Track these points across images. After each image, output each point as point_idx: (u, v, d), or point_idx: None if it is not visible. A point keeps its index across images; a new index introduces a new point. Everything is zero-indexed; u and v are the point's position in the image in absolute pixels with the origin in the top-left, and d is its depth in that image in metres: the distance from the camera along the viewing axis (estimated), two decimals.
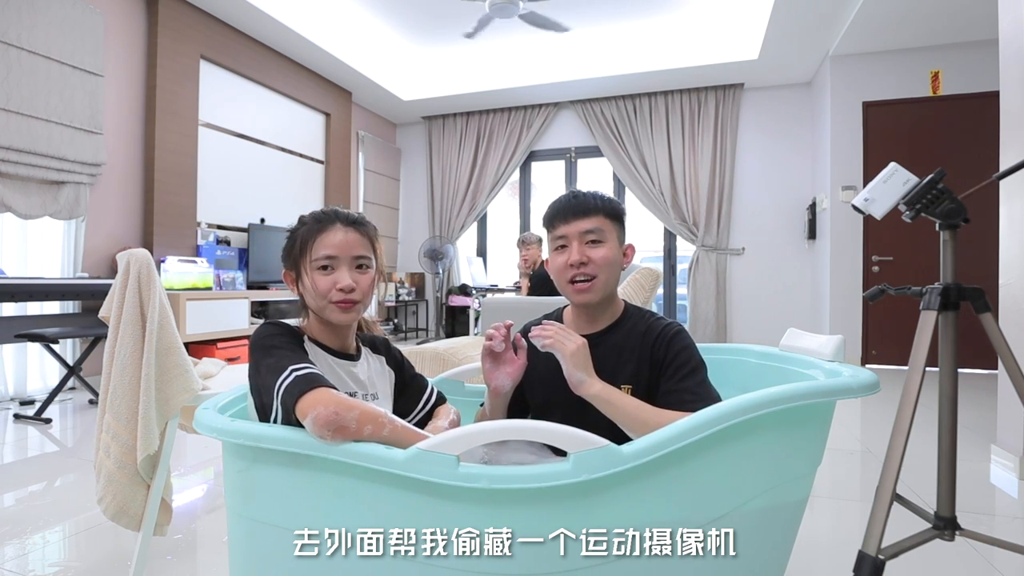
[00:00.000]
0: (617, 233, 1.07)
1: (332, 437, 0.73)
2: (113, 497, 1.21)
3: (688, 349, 1.03)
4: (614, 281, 1.07)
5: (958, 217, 1.11)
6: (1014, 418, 2.07)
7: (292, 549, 0.78)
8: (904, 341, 4.42)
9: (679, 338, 1.04)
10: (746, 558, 0.83)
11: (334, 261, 0.95)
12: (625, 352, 1.05)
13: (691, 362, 1.01)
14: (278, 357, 0.85)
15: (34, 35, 3.13)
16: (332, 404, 0.74)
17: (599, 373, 1.03)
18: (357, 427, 0.74)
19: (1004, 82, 2.16)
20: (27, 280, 2.91)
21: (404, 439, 0.76)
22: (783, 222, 5.50)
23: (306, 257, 0.96)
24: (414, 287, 6.58)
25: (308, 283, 0.95)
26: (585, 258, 1.04)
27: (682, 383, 0.99)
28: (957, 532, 1.13)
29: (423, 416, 1.08)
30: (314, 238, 0.96)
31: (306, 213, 1.01)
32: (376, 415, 0.76)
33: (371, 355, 1.08)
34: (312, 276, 0.95)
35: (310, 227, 0.97)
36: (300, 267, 0.97)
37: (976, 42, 4.22)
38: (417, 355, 2.59)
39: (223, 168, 4.49)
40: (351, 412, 0.74)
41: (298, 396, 0.78)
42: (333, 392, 0.78)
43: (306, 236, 0.97)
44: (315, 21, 4.66)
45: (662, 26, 4.88)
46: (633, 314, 1.10)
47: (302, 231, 0.98)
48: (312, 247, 0.96)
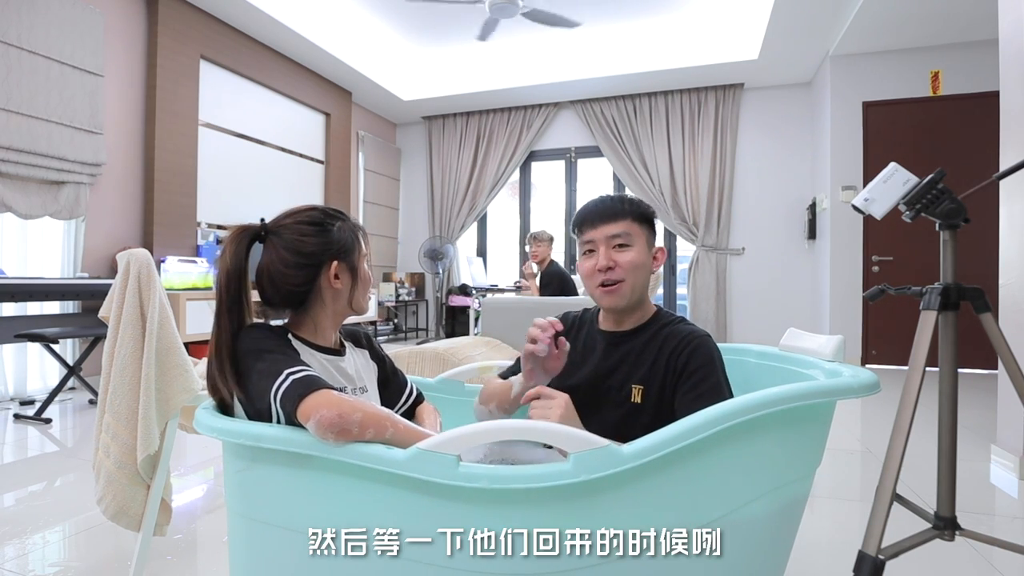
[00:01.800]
0: (646, 236, 1.08)
1: (336, 439, 0.73)
2: (113, 497, 1.21)
3: (708, 365, 1.00)
4: (641, 285, 1.07)
5: (958, 217, 1.11)
6: (1014, 418, 2.07)
7: (292, 549, 0.78)
8: (904, 341, 4.42)
9: (701, 351, 1.01)
10: (746, 558, 0.83)
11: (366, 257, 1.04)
12: (645, 354, 1.05)
13: (710, 379, 0.98)
14: (270, 362, 0.83)
15: (34, 35, 3.13)
16: (335, 407, 0.73)
17: (616, 372, 1.04)
18: (360, 431, 0.74)
19: (1004, 82, 2.16)
20: (27, 280, 2.91)
21: (407, 440, 0.76)
22: (783, 222, 5.50)
23: (359, 250, 1.00)
24: (414, 287, 6.58)
25: (363, 275, 1.00)
26: (612, 262, 1.04)
27: (700, 401, 0.95)
28: (957, 532, 1.13)
29: (403, 412, 1.09)
30: (359, 232, 1.01)
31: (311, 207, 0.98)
32: (379, 418, 0.76)
33: (354, 349, 1.07)
34: (365, 270, 1.01)
35: (346, 221, 1.00)
36: (355, 260, 0.99)
37: (976, 42, 4.22)
38: (417, 355, 2.59)
39: (223, 168, 4.49)
40: (355, 415, 0.74)
41: (298, 400, 0.76)
42: (334, 394, 0.77)
43: (353, 228, 1.00)
44: (315, 21, 4.66)
45: (662, 26, 4.88)
46: (662, 317, 1.10)
47: (347, 225, 0.99)
48: (363, 242, 1.02)
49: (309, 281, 0.95)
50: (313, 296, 0.96)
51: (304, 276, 0.94)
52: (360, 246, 1.00)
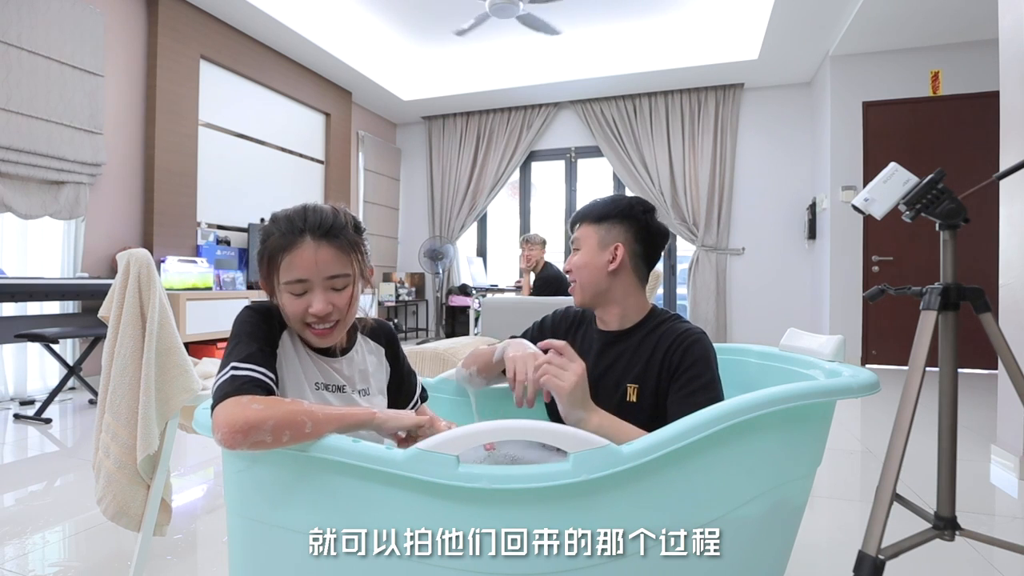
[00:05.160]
0: (598, 238, 1.10)
1: (252, 450, 0.70)
2: (113, 497, 1.21)
3: (701, 362, 1.00)
4: (591, 283, 1.10)
5: (958, 217, 1.11)
6: (1014, 418, 2.07)
7: (292, 549, 0.78)
8: (904, 341, 4.42)
9: (695, 348, 1.01)
10: (746, 558, 0.83)
11: (305, 284, 0.85)
12: (639, 353, 1.06)
13: (703, 377, 0.98)
14: (234, 346, 0.81)
15: (34, 35, 3.13)
16: (241, 420, 0.69)
17: (610, 371, 1.05)
18: (274, 439, 0.70)
19: (1004, 82, 2.16)
20: (27, 280, 2.91)
21: (327, 427, 0.73)
22: (783, 222, 5.50)
23: (276, 276, 0.86)
24: (414, 287, 6.58)
25: (282, 303, 0.87)
26: (569, 265, 1.14)
27: (691, 398, 0.97)
28: (957, 532, 1.13)
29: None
30: (281, 256, 0.85)
31: (279, 210, 0.91)
32: (293, 418, 0.71)
33: (367, 345, 1.02)
34: (283, 297, 0.86)
35: (277, 241, 0.86)
36: (273, 285, 0.88)
37: (976, 42, 4.22)
38: (417, 355, 2.59)
39: (223, 168, 4.49)
40: (265, 423, 0.70)
41: (215, 403, 0.73)
42: (244, 402, 0.72)
43: (274, 251, 0.86)
44: (315, 21, 4.66)
45: (662, 26, 4.88)
46: (656, 316, 1.11)
47: (270, 243, 0.87)
48: (280, 267, 0.85)
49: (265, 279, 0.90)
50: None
51: (268, 292, 0.91)
52: (281, 272, 0.85)
